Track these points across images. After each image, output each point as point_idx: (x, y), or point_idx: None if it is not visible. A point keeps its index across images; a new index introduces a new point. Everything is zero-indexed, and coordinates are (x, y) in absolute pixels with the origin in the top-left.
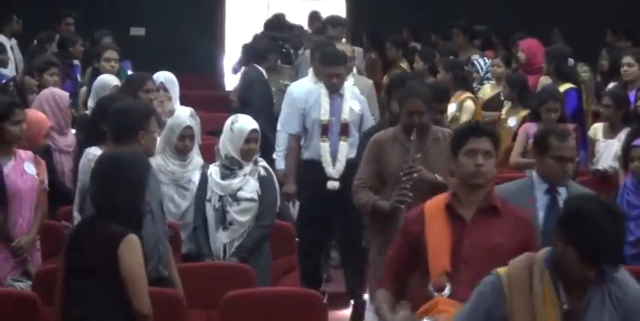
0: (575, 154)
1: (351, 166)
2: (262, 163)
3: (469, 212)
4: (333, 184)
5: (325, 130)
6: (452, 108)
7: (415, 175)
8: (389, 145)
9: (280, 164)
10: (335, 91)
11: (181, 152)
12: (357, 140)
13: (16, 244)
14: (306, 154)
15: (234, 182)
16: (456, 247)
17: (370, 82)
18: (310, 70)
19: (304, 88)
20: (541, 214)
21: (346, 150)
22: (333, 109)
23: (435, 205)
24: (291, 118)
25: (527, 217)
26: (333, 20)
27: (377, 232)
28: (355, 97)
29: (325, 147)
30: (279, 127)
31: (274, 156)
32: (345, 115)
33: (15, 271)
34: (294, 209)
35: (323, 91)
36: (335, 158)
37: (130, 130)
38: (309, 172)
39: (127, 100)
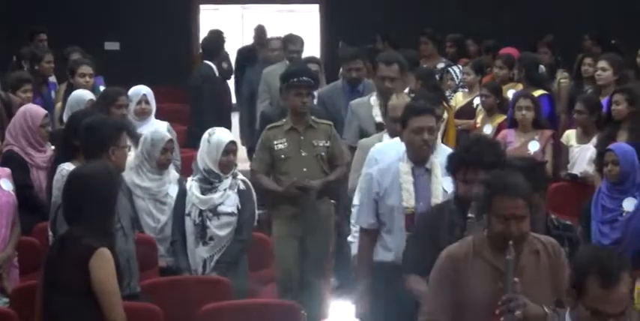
0: None
1: None
2: (241, 176)
3: None
4: None
5: (411, 221)
6: None
7: (518, 312)
8: (469, 265)
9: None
10: (422, 156)
11: (163, 166)
12: None
13: None
14: (384, 255)
15: (215, 197)
16: None
17: None
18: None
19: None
20: None
21: None
22: (419, 191)
23: None
24: (362, 206)
25: None
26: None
27: None
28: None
29: None
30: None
31: (349, 238)
32: (437, 200)
33: None
34: None
35: (403, 167)
36: None
37: (100, 146)
38: (390, 280)
39: (98, 115)
